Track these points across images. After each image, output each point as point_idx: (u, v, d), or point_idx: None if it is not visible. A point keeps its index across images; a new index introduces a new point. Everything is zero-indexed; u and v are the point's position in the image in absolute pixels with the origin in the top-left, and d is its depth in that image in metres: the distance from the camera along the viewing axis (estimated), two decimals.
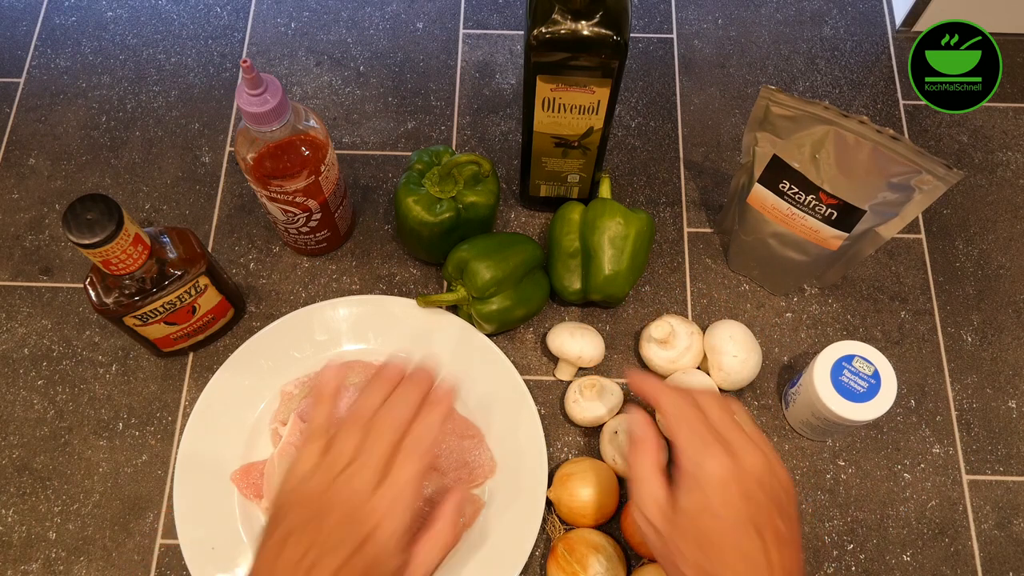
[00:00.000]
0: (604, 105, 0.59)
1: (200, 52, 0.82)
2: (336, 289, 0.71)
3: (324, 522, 0.46)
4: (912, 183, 0.56)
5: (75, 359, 0.68)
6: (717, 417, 0.50)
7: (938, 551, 0.63)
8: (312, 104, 0.79)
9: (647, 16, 0.84)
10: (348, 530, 0.46)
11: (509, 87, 0.80)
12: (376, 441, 0.49)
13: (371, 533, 0.46)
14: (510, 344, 0.69)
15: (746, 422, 0.51)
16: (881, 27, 0.84)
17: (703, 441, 0.49)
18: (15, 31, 0.83)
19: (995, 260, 0.73)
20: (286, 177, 0.60)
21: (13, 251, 0.72)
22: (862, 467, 0.65)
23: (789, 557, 0.47)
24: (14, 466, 0.64)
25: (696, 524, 0.47)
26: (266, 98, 0.54)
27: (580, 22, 0.52)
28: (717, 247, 0.73)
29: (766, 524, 0.47)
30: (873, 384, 0.59)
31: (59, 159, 0.76)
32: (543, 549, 0.62)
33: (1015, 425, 0.67)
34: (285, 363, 0.65)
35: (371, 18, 0.84)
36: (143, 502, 0.63)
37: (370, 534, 0.46)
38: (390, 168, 0.76)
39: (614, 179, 0.76)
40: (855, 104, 0.80)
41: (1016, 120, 0.79)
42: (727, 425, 0.50)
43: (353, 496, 0.47)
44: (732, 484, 0.47)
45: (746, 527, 0.46)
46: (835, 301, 0.71)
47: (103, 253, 0.53)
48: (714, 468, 0.48)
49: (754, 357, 0.64)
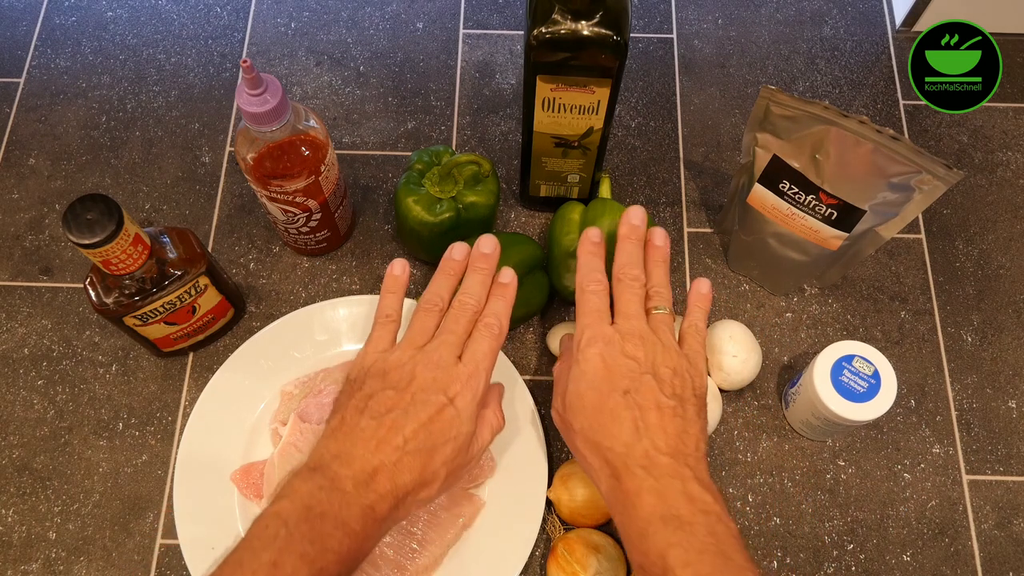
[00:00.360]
0: (604, 105, 0.59)
1: (200, 52, 0.82)
2: (336, 289, 0.71)
3: (408, 388, 0.51)
4: (912, 183, 0.56)
5: (75, 359, 0.68)
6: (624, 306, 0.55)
7: (938, 551, 0.63)
8: (312, 104, 0.79)
9: (647, 16, 0.84)
10: (430, 395, 0.51)
11: (509, 87, 0.80)
12: (455, 321, 0.54)
13: (451, 400, 0.51)
14: (510, 344, 0.69)
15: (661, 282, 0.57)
16: (881, 27, 0.84)
17: (594, 327, 0.54)
18: (15, 31, 0.83)
19: (995, 260, 0.73)
20: (286, 177, 0.60)
21: (13, 251, 0.72)
22: (862, 467, 0.65)
23: (672, 425, 0.50)
24: (14, 466, 0.64)
25: (578, 398, 0.52)
26: (266, 98, 0.54)
27: (580, 22, 0.52)
28: (717, 247, 0.73)
29: (640, 390, 0.51)
30: (873, 384, 0.59)
31: (59, 159, 0.76)
32: (543, 549, 0.62)
33: (1015, 425, 0.67)
34: (285, 363, 0.65)
35: (371, 18, 0.84)
36: (143, 502, 0.63)
37: (450, 401, 0.51)
38: (390, 168, 0.76)
39: (614, 179, 0.76)
40: (855, 104, 0.80)
41: (1016, 120, 0.79)
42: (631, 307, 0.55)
43: (436, 367, 0.52)
44: (608, 359, 0.52)
45: (614, 391, 0.51)
46: (835, 301, 0.71)
47: (103, 253, 0.53)
48: (595, 350, 0.52)
49: (754, 357, 0.64)
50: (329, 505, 0.46)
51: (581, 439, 0.52)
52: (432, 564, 0.59)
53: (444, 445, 0.51)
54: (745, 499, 0.64)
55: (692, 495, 0.48)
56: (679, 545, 0.46)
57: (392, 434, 0.50)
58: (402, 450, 0.49)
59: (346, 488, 0.48)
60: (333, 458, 0.49)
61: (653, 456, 0.49)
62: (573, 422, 0.52)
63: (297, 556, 0.44)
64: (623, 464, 0.49)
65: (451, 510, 0.60)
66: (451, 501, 0.60)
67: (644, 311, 0.55)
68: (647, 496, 0.48)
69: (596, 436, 0.51)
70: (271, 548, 0.45)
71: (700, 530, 0.46)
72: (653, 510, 0.47)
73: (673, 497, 0.48)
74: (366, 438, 0.50)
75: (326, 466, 0.49)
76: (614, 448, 0.50)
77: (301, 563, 0.44)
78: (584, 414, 0.52)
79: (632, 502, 0.48)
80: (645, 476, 0.48)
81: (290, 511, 0.46)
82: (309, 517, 0.46)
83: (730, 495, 0.64)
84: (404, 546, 0.59)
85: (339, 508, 0.47)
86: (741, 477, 0.65)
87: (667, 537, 0.46)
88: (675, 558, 0.45)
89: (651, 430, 0.50)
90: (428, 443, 0.50)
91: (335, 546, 0.46)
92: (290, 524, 0.45)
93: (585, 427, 0.51)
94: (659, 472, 0.48)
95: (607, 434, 0.50)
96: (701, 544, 0.46)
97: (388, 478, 0.49)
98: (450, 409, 0.51)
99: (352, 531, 0.46)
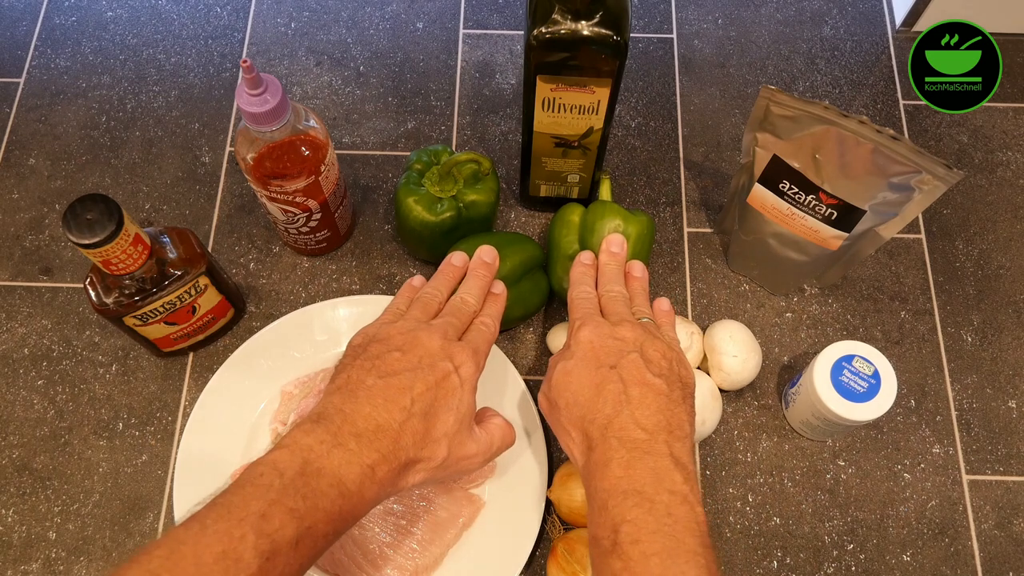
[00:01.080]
0: (604, 105, 0.59)
1: (200, 52, 0.82)
2: (336, 289, 0.71)
3: (413, 350, 0.52)
4: (912, 183, 0.56)
5: (75, 359, 0.68)
6: (610, 302, 0.57)
7: (938, 551, 0.63)
8: (312, 104, 0.79)
9: (647, 16, 0.84)
10: (437, 361, 0.51)
11: (509, 87, 0.80)
12: (456, 311, 0.56)
13: (455, 369, 0.51)
14: (510, 344, 0.69)
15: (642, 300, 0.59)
16: (881, 27, 0.84)
17: (585, 318, 0.55)
18: (15, 31, 0.83)
19: (995, 260, 0.73)
20: (286, 177, 0.60)
21: (13, 251, 0.72)
22: (862, 467, 0.65)
23: (656, 401, 0.50)
24: (14, 466, 0.64)
25: (564, 375, 0.53)
26: (266, 98, 0.54)
27: (580, 22, 0.52)
28: (717, 247, 0.73)
29: (625, 365, 0.51)
30: (873, 384, 0.59)
31: (59, 159, 0.76)
32: (543, 549, 0.62)
33: (1015, 425, 0.67)
34: (285, 363, 0.65)
35: (371, 18, 0.84)
36: (143, 502, 0.63)
37: (453, 370, 0.51)
38: (390, 168, 0.76)
39: (614, 179, 0.76)
40: (855, 104, 0.80)
41: (1016, 120, 0.79)
42: (617, 308, 0.56)
43: (442, 337, 0.53)
44: (597, 340, 0.53)
45: (601, 367, 0.52)
46: (835, 301, 0.71)
47: (103, 253, 0.53)
48: (585, 332, 0.54)
49: (754, 357, 0.64)
50: (328, 461, 0.46)
51: (565, 414, 0.52)
52: (432, 564, 0.59)
53: (447, 413, 0.50)
54: (745, 499, 0.64)
55: (660, 472, 0.47)
56: (633, 522, 0.45)
57: (400, 394, 0.49)
58: (408, 411, 0.49)
59: (348, 445, 0.47)
60: (336, 412, 0.48)
61: (630, 429, 0.49)
62: (559, 399, 0.53)
63: (286, 511, 0.43)
64: (600, 435, 0.49)
65: (451, 510, 0.60)
66: (451, 501, 0.60)
67: (631, 314, 0.56)
68: (615, 467, 0.48)
69: (580, 410, 0.51)
70: (262, 498, 0.43)
71: (660, 509, 0.46)
72: (617, 483, 0.47)
73: (640, 472, 0.47)
74: (373, 396, 0.49)
75: (329, 419, 0.48)
76: (595, 420, 0.50)
77: (289, 518, 0.43)
78: (569, 389, 0.52)
79: (600, 472, 0.48)
80: (618, 447, 0.48)
81: (288, 463, 0.45)
82: (305, 472, 0.45)
83: (730, 495, 0.64)
84: (404, 546, 0.59)
85: (338, 465, 0.46)
86: (741, 477, 0.65)
87: (624, 512, 0.46)
88: (626, 534, 0.45)
89: (632, 403, 0.50)
90: (433, 408, 0.50)
91: (327, 505, 0.45)
92: (285, 476, 0.44)
93: (570, 401, 0.52)
94: (633, 445, 0.48)
95: (591, 407, 0.51)
96: (656, 523, 0.45)
97: (392, 439, 0.48)
98: (455, 377, 0.51)
99: (347, 491, 0.46)
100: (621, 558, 0.44)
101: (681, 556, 0.44)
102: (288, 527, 0.43)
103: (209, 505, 0.44)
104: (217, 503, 0.44)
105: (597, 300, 0.58)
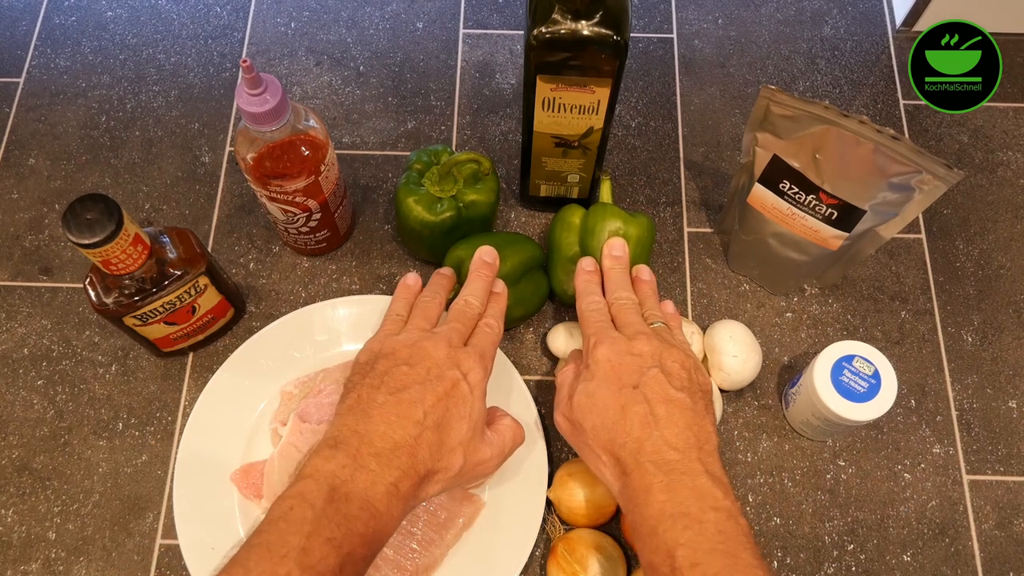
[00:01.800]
0: (604, 105, 0.59)
1: (200, 52, 0.82)
2: (336, 289, 0.71)
3: (421, 363, 0.52)
4: (912, 183, 0.56)
5: (75, 359, 0.68)
6: (622, 315, 0.57)
7: (938, 551, 0.63)
8: (312, 104, 0.79)
9: (647, 16, 0.84)
10: (445, 370, 0.51)
11: (509, 87, 0.80)
12: (461, 314, 0.56)
13: (463, 377, 0.52)
14: (510, 344, 0.69)
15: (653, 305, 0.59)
16: (881, 27, 0.84)
17: (600, 334, 0.55)
18: (15, 31, 0.82)
19: (995, 260, 0.73)
20: (286, 177, 0.60)
21: (13, 251, 0.72)
22: (862, 467, 0.65)
23: (683, 418, 0.50)
24: (14, 466, 0.64)
25: (587, 397, 0.52)
26: (266, 98, 0.54)
27: (580, 22, 0.52)
28: (717, 247, 0.73)
29: (648, 383, 0.51)
30: (873, 384, 0.59)
31: (59, 159, 0.76)
32: (543, 549, 0.62)
33: (1015, 425, 0.67)
34: (285, 363, 0.65)
35: (371, 18, 0.84)
36: (143, 502, 0.63)
37: (462, 378, 0.52)
38: (390, 168, 0.76)
39: (614, 179, 0.75)
40: (855, 104, 0.80)
41: (1016, 120, 0.79)
42: (629, 318, 0.56)
43: (447, 345, 0.53)
44: (615, 358, 0.53)
45: (624, 387, 0.51)
46: (835, 301, 0.71)
47: (103, 253, 0.53)
48: (602, 351, 0.53)
49: (754, 357, 0.64)
50: (354, 485, 0.46)
51: (592, 438, 0.52)
52: (432, 564, 0.59)
53: (460, 422, 0.51)
54: (745, 499, 0.64)
55: (702, 491, 0.47)
56: (687, 544, 0.45)
57: (412, 408, 0.50)
58: (422, 424, 0.49)
59: (370, 466, 0.47)
60: (352, 434, 0.49)
61: (663, 451, 0.49)
62: (583, 422, 0.52)
63: (325, 541, 0.44)
64: (634, 460, 0.49)
65: (451, 510, 0.60)
66: (451, 501, 0.60)
67: (644, 321, 0.56)
68: (657, 493, 0.48)
69: (608, 433, 0.51)
70: (298, 532, 0.44)
71: (709, 528, 0.46)
72: (663, 507, 0.47)
73: (683, 493, 0.47)
74: (385, 413, 0.49)
75: (346, 442, 0.48)
76: (626, 444, 0.50)
77: (329, 548, 0.44)
78: (594, 412, 0.52)
79: (643, 499, 0.48)
80: (655, 472, 0.48)
81: (316, 493, 0.45)
82: (334, 499, 0.45)
83: None
84: (404, 546, 0.59)
85: (364, 488, 0.46)
86: (741, 477, 0.65)
87: (676, 536, 0.46)
88: (683, 557, 0.45)
89: (661, 424, 0.50)
90: (445, 418, 0.50)
91: (361, 528, 0.45)
92: (316, 507, 0.45)
93: (596, 425, 0.51)
94: (669, 467, 0.48)
95: (619, 430, 0.50)
96: (710, 543, 0.45)
97: (409, 453, 0.48)
98: (464, 384, 0.51)
99: (377, 512, 0.46)
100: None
101: (740, 572, 0.44)
102: (330, 557, 0.43)
103: (246, 547, 0.44)
104: (254, 544, 0.44)
105: (607, 310, 0.58)
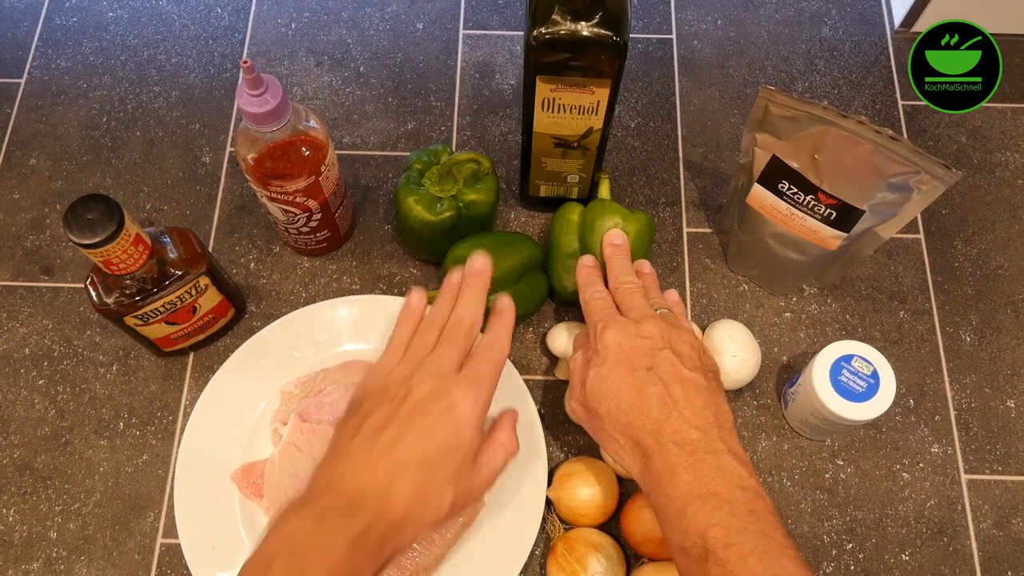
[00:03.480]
0: (604, 105, 0.59)
1: (201, 53, 0.82)
2: (336, 289, 0.71)
3: (405, 400, 0.49)
4: (911, 183, 0.57)
5: (76, 359, 0.68)
6: (625, 299, 0.57)
7: (937, 550, 0.63)
8: (312, 104, 0.79)
9: (647, 16, 0.84)
10: (427, 405, 0.49)
11: (509, 87, 0.80)
12: (453, 331, 0.53)
13: (453, 405, 0.49)
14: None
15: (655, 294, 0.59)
16: (880, 27, 0.84)
17: (606, 319, 0.54)
18: (16, 31, 0.83)
19: (994, 260, 0.73)
20: (286, 177, 0.60)
21: (14, 251, 0.72)
22: (861, 467, 0.65)
23: (699, 397, 0.50)
24: (15, 466, 0.64)
25: (601, 381, 0.52)
26: (266, 98, 0.55)
27: (580, 22, 0.53)
28: (716, 247, 0.73)
29: (661, 364, 0.51)
30: (872, 384, 0.59)
31: (60, 159, 0.76)
32: (543, 549, 0.62)
33: (1013, 425, 0.67)
34: (285, 363, 0.65)
35: (371, 18, 0.84)
36: (144, 501, 0.63)
37: (452, 406, 0.49)
38: (390, 168, 0.76)
39: (614, 179, 0.76)
40: (854, 104, 0.80)
41: (1015, 120, 0.79)
42: (635, 301, 0.56)
43: (434, 377, 0.50)
44: (625, 340, 0.52)
45: (637, 370, 0.51)
46: (834, 301, 0.71)
47: (104, 253, 0.53)
48: (611, 335, 0.53)
49: (753, 357, 0.64)
50: (311, 541, 0.44)
51: (609, 422, 0.51)
52: (432, 564, 0.59)
53: (445, 459, 0.48)
54: None
55: (727, 471, 0.47)
56: (720, 525, 0.45)
57: (386, 452, 0.47)
58: (397, 468, 0.47)
59: (329, 521, 0.45)
60: (321, 489, 0.48)
61: (684, 431, 0.48)
62: (599, 407, 0.52)
63: None
64: (655, 441, 0.49)
65: None
66: None
67: (649, 305, 0.56)
68: (682, 473, 0.47)
69: (625, 416, 0.50)
70: None
71: (739, 508, 0.45)
72: (690, 488, 0.47)
73: (709, 473, 0.47)
74: (357, 461, 0.48)
75: (314, 498, 0.47)
76: (645, 426, 0.49)
77: None
78: (609, 396, 0.51)
79: (668, 480, 0.47)
80: (679, 452, 0.48)
81: (275, 552, 0.45)
82: (293, 555, 0.44)
83: None
84: None
85: (322, 543, 0.44)
86: None
87: (707, 516, 0.45)
88: (716, 538, 0.45)
89: (679, 404, 0.49)
90: (426, 457, 0.47)
91: None
92: (274, 567, 0.44)
93: (612, 408, 0.51)
94: (692, 447, 0.48)
95: (637, 412, 0.50)
96: (742, 523, 0.45)
97: (376, 503, 0.46)
98: (448, 418, 0.48)
99: (336, 569, 0.44)
100: (719, 564, 0.44)
101: (775, 551, 0.44)
102: None
103: None
104: None
105: (611, 298, 0.57)
